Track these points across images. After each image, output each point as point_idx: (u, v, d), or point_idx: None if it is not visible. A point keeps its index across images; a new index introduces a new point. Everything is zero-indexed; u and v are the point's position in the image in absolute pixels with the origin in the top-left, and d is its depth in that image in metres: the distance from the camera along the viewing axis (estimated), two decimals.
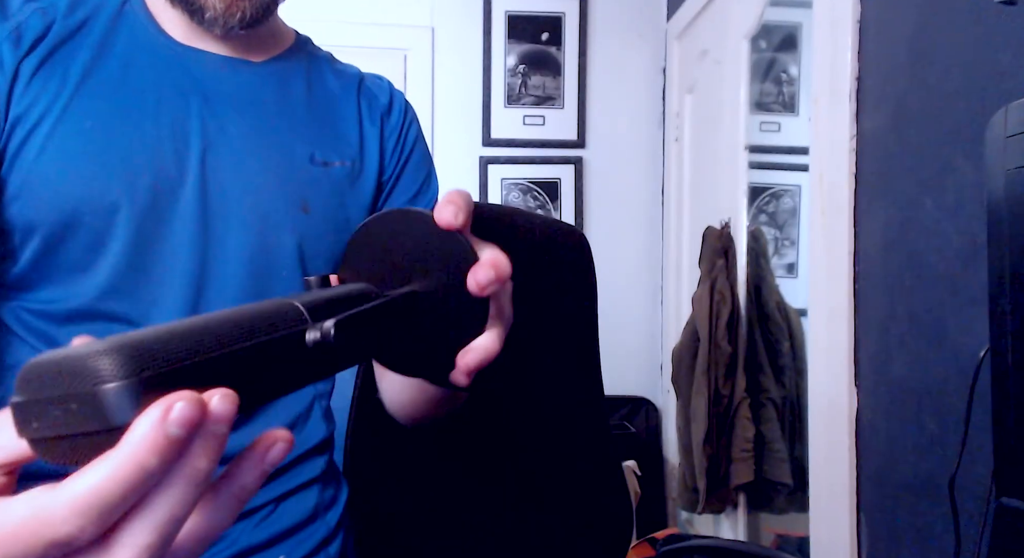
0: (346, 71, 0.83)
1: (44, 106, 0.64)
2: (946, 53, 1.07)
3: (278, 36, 0.79)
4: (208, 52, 0.72)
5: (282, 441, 0.33)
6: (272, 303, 0.35)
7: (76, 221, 0.63)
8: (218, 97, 0.71)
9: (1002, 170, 0.55)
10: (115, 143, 0.65)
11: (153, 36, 0.70)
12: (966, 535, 0.82)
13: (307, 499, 0.76)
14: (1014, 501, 0.56)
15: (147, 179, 0.66)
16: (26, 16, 0.65)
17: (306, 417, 0.77)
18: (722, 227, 1.99)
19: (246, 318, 0.33)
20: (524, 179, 2.57)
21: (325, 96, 0.79)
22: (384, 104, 0.82)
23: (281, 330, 0.34)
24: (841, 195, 1.31)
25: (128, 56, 0.69)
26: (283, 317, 0.34)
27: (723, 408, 1.85)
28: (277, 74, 0.76)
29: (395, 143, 0.82)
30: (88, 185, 0.64)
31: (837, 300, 1.32)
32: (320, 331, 0.35)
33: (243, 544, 0.70)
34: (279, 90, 0.75)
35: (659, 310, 2.61)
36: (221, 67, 0.72)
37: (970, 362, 0.95)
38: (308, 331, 0.35)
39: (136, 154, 0.66)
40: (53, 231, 0.63)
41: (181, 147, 0.68)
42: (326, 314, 0.36)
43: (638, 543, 1.97)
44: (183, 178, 0.67)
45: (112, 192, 0.64)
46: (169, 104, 0.68)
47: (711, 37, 2.16)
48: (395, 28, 2.52)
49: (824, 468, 1.38)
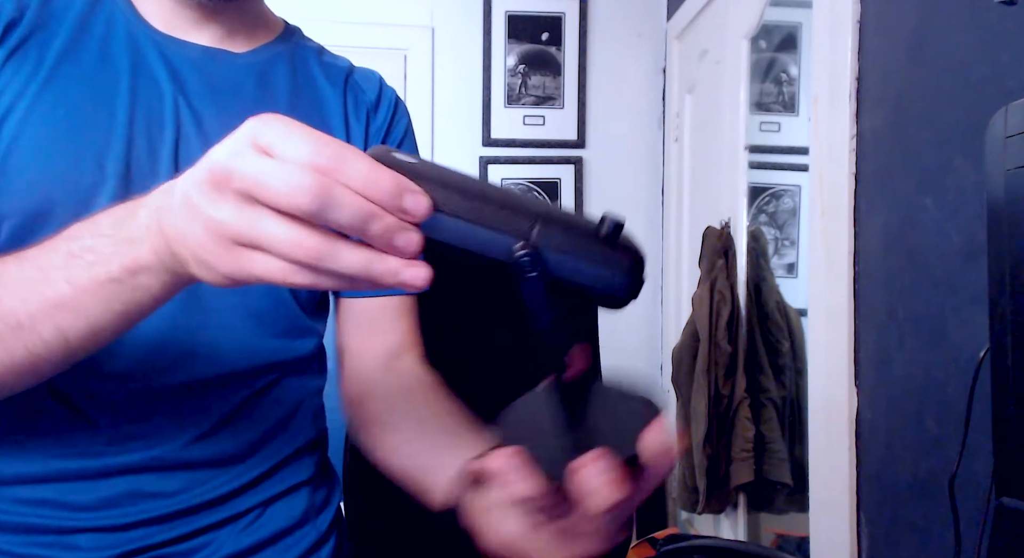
0: (335, 64, 0.81)
1: (15, 93, 0.62)
2: (946, 53, 1.06)
3: (264, 25, 0.77)
4: (188, 42, 0.70)
5: None
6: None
7: (48, 211, 0.62)
8: (195, 87, 0.69)
9: (1002, 170, 0.55)
10: (88, 131, 0.64)
11: (131, 24, 0.69)
12: (966, 535, 0.82)
13: (296, 502, 0.74)
14: (1014, 501, 0.56)
15: (120, 168, 0.64)
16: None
17: (295, 414, 0.75)
18: (722, 227, 1.99)
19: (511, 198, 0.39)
20: (524, 179, 2.57)
21: (309, 88, 0.77)
22: (371, 99, 0.80)
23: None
24: (841, 195, 1.31)
25: (104, 43, 0.67)
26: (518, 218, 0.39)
27: (723, 408, 1.85)
28: (259, 65, 0.74)
29: (380, 139, 0.80)
30: (60, 174, 0.62)
31: (837, 300, 1.32)
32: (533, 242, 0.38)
33: (227, 550, 0.68)
34: (260, 81, 0.73)
35: (659, 310, 2.61)
36: (200, 57, 0.70)
37: (970, 362, 0.95)
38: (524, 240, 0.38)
39: (110, 142, 0.64)
40: (26, 220, 0.62)
41: (155, 137, 0.66)
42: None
43: (638, 543, 1.96)
44: (155, 168, 0.66)
45: (85, 181, 0.63)
46: (144, 93, 0.67)
47: (711, 37, 2.16)
48: (395, 28, 2.52)
49: (824, 468, 1.38)
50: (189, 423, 0.68)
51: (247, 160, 0.37)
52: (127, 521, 0.65)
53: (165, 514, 0.66)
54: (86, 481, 0.64)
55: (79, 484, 0.64)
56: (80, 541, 0.64)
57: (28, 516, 0.63)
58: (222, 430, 0.69)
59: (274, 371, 0.73)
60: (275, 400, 0.73)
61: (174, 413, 0.67)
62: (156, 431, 0.66)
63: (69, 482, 0.64)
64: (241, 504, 0.70)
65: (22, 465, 0.64)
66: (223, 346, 0.68)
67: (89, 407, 0.65)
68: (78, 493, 0.64)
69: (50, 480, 0.64)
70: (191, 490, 0.67)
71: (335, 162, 0.36)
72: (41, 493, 0.64)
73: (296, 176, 0.35)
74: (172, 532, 0.66)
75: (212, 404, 0.69)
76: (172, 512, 0.66)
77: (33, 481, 0.64)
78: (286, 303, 0.72)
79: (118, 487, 0.65)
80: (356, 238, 0.38)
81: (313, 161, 0.36)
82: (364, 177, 0.36)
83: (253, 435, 0.71)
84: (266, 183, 0.36)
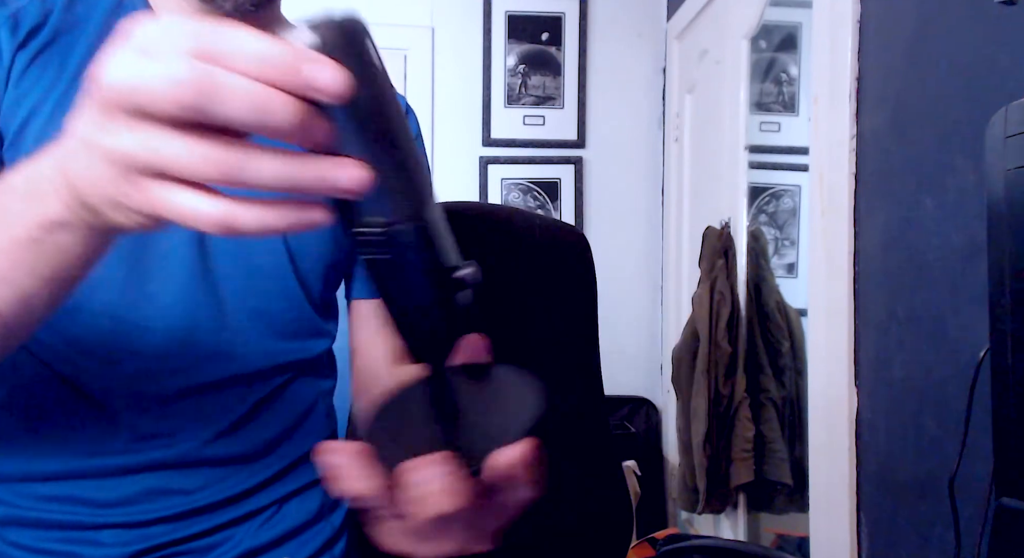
0: None
1: (38, 97, 0.63)
2: (946, 53, 1.06)
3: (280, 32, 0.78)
4: None
5: None
6: None
7: None
8: None
9: (1002, 170, 0.55)
10: None
11: None
12: (966, 535, 0.82)
13: (311, 500, 0.75)
14: (1014, 501, 0.56)
15: None
16: (23, 3, 0.64)
17: (309, 414, 0.77)
18: (722, 227, 1.99)
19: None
20: (524, 179, 2.57)
21: None
22: None
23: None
24: (841, 195, 1.31)
25: None
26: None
27: (723, 408, 1.85)
28: None
29: None
30: None
31: (837, 300, 1.32)
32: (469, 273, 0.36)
33: (246, 546, 0.70)
34: None
35: (659, 310, 2.61)
36: None
37: (970, 362, 0.95)
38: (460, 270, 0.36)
39: None
40: None
41: None
42: None
43: (638, 543, 1.96)
44: None
45: None
46: None
47: (711, 37, 2.16)
48: (395, 28, 2.52)
49: (824, 468, 1.38)
50: (208, 422, 0.69)
51: (123, 66, 0.31)
52: (148, 517, 0.66)
53: (185, 511, 0.67)
54: (108, 478, 0.66)
55: (101, 481, 0.66)
56: (102, 537, 0.65)
57: (51, 512, 0.65)
58: (240, 429, 0.71)
59: (289, 371, 0.74)
60: (291, 399, 0.74)
61: (194, 412, 0.68)
62: (176, 430, 0.67)
63: (91, 479, 0.66)
64: (258, 501, 0.71)
65: (45, 462, 0.66)
66: (240, 347, 0.70)
67: (111, 405, 0.66)
68: (100, 490, 0.65)
69: (73, 477, 0.66)
70: (210, 487, 0.69)
71: (213, 43, 0.30)
72: (64, 490, 0.65)
73: (171, 68, 0.30)
74: (192, 528, 0.68)
75: (230, 403, 0.70)
76: (192, 509, 0.68)
77: (56, 478, 0.66)
78: (300, 305, 0.74)
79: (139, 484, 0.66)
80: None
81: (189, 47, 0.30)
82: (251, 53, 0.30)
83: (270, 433, 0.73)
84: (142, 86, 0.30)
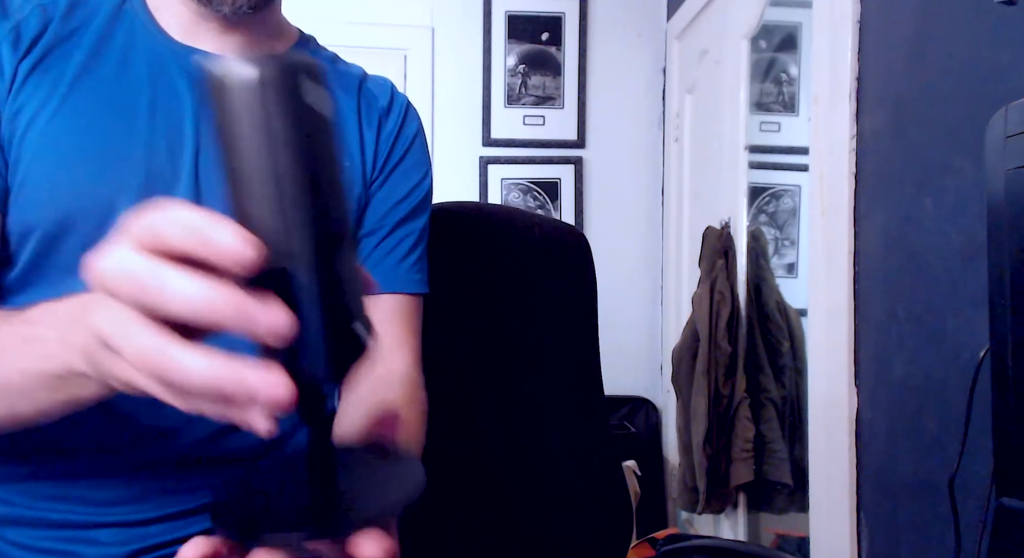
0: (348, 72, 0.82)
1: (38, 105, 0.64)
2: (946, 53, 1.06)
3: (279, 34, 0.78)
4: (208, 52, 0.71)
5: None
6: None
7: (71, 221, 0.63)
8: None
9: (1002, 170, 0.55)
10: (109, 142, 0.65)
11: (151, 35, 0.70)
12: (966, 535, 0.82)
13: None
14: (1014, 501, 0.56)
15: (141, 178, 0.65)
16: (25, 14, 0.65)
17: None
18: (722, 227, 1.99)
19: None
20: (524, 179, 2.57)
21: None
22: (383, 106, 0.81)
23: None
24: (841, 195, 1.31)
25: (124, 55, 0.68)
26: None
27: (723, 408, 1.85)
28: None
29: (390, 145, 0.81)
30: (82, 184, 0.63)
31: (837, 300, 1.32)
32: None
33: None
34: None
35: (659, 310, 2.61)
36: None
37: (970, 362, 0.95)
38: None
39: (130, 153, 0.65)
40: (49, 232, 0.63)
41: (175, 146, 0.67)
42: None
43: (638, 543, 1.96)
44: (177, 177, 0.67)
45: (106, 191, 0.64)
46: (164, 103, 0.68)
47: (711, 37, 2.16)
48: (395, 28, 2.52)
49: (824, 468, 1.38)
50: (207, 421, 0.69)
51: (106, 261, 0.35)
52: (147, 517, 0.66)
53: (184, 510, 0.67)
54: (107, 477, 0.66)
55: (100, 480, 0.66)
56: (100, 536, 0.65)
57: (50, 511, 0.65)
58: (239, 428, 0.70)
59: None
60: None
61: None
62: (175, 429, 0.67)
63: (90, 478, 0.66)
64: None
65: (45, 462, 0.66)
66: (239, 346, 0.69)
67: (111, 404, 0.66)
68: (99, 489, 0.66)
69: (72, 476, 0.66)
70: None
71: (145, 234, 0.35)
72: (63, 489, 0.65)
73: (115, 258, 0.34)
74: (191, 528, 0.68)
75: None
76: (191, 508, 0.68)
77: (55, 477, 0.66)
78: None
79: (138, 483, 0.66)
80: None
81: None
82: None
83: None
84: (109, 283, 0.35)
